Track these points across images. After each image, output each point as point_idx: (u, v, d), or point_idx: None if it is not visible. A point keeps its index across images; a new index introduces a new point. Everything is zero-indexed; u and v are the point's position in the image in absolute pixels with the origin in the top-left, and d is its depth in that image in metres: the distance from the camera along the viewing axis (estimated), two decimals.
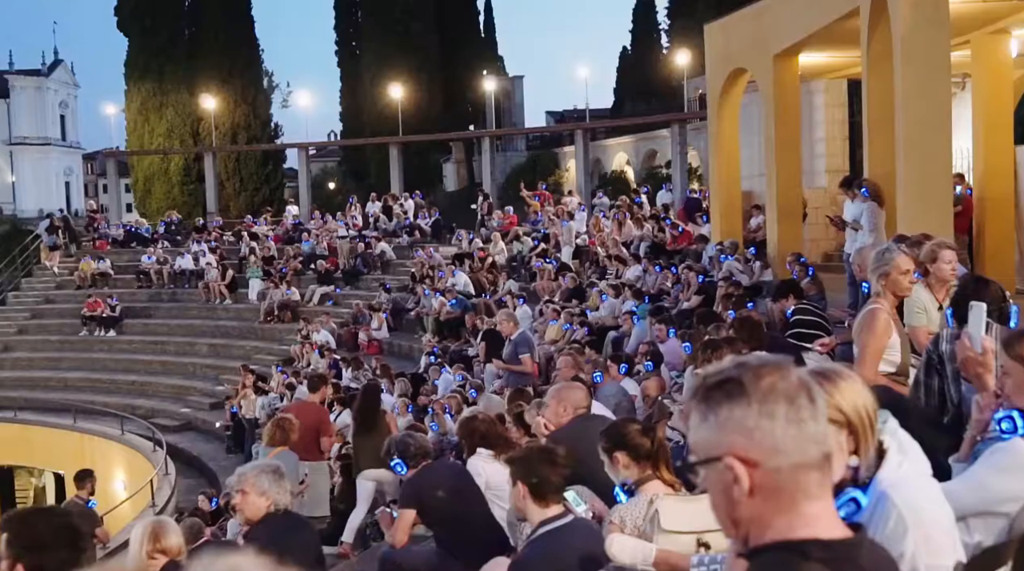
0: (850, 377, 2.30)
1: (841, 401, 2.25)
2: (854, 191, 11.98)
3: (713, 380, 1.73)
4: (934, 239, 6.54)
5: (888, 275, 5.23)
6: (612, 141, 38.29)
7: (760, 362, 1.73)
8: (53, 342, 27.46)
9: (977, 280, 4.73)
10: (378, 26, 43.69)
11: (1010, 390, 3.10)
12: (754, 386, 1.68)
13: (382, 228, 29.46)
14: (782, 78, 15.99)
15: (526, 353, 11.81)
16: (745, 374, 1.70)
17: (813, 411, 1.68)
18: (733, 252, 16.44)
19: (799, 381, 1.70)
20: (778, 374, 1.69)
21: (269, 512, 4.77)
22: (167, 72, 42.63)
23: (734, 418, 1.67)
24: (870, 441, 2.29)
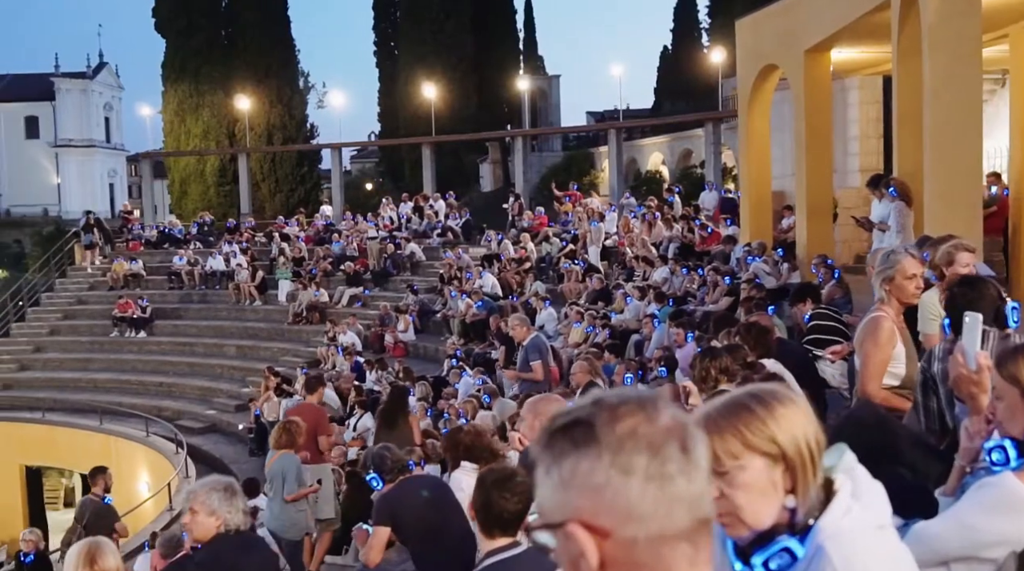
0: (790, 402, 1.90)
1: (776, 430, 1.86)
2: (881, 190, 11.47)
3: (560, 422, 1.37)
4: (951, 240, 6.09)
5: (892, 280, 4.81)
6: (647, 141, 37.76)
7: (620, 399, 1.35)
8: (84, 343, 27.53)
9: (967, 282, 4.28)
10: (414, 26, 43.57)
11: (1002, 415, 2.69)
12: (607, 431, 1.31)
13: (412, 229, 29.21)
14: (813, 74, 15.50)
15: (537, 360, 11.45)
16: (599, 415, 1.33)
17: (684, 464, 1.31)
18: (761, 253, 15.96)
19: (671, 425, 1.33)
20: (641, 415, 1.32)
21: (219, 532, 4.47)
22: (203, 73, 42.77)
23: (580, 473, 1.30)
24: (811, 478, 1.89)
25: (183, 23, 42.21)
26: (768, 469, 1.85)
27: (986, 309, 3.91)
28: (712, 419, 1.86)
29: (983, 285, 4.07)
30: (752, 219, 17.76)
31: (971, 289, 4.03)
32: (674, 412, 1.35)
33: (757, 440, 1.83)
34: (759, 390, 1.92)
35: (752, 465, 1.84)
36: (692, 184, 29.47)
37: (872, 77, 18.13)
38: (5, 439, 23.50)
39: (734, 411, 1.86)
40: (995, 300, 3.98)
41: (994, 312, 3.92)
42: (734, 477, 1.84)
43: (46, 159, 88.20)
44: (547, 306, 20.02)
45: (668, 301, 15.66)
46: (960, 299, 3.96)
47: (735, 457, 1.83)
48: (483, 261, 24.54)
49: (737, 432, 1.83)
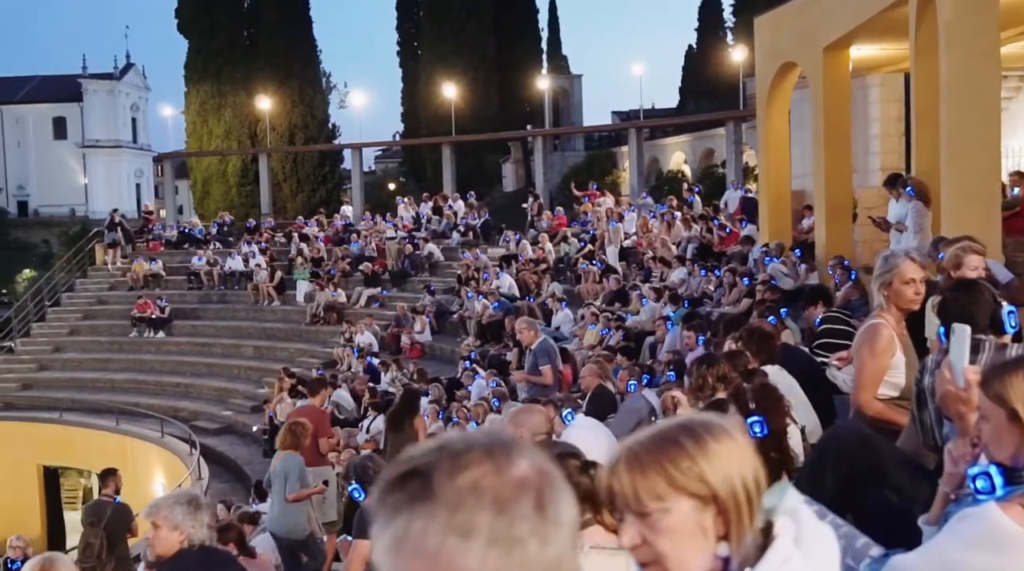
0: (725, 436, 1.67)
1: (707, 468, 1.62)
2: (899, 190, 11.20)
3: (397, 471, 1.16)
4: (960, 242, 5.84)
5: (890, 285, 4.56)
6: (669, 140, 37.48)
7: (466, 445, 1.15)
8: (103, 343, 27.57)
9: (962, 286, 4.02)
10: (435, 26, 43.48)
11: (988, 439, 2.45)
12: (446, 484, 1.11)
13: (430, 229, 29.06)
14: (832, 72, 15.20)
15: (546, 364, 11.23)
16: (438, 465, 1.13)
17: (538, 524, 1.11)
18: (779, 254, 15.68)
19: (524, 476, 1.13)
20: (488, 465, 1.12)
21: (182, 548, 4.30)
22: (225, 73, 42.86)
23: (412, 535, 1.11)
24: (747, 523, 1.66)
25: (206, 24, 42.30)
26: (697, 512, 1.61)
27: (981, 315, 3.68)
28: (635, 454, 1.64)
29: (978, 289, 3.83)
30: (771, 219, 17.47)
31: (965, 294, 3.79)
32: (533, 461, 1.14)
33: (685, 479, 1.59)
34: (692, 422, 1.69)
35: (679, 508, 1.61)
36: (714, 184, 29.17)
37: (893, 75, 17.77)
38: (23, 439, 23.52)
39: (660, 446, 1.62)
40: (991, 305, 3.75)
41: (990, 317, 3.68)
42: (658, 521, 1.61)
43: (74, 159, 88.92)
44: (563, 307, 19.82)
45: (683, 303, 15.41)
46: (953, 304, 3.73)
47: (659, 498, 1.60)
48: (501, 262, 24.37)
49: (662, 470, 1.60)
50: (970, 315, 3.69)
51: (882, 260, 4.74)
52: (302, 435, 9.85)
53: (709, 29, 53.74)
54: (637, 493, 1.59)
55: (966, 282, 4.09)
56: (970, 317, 3.67)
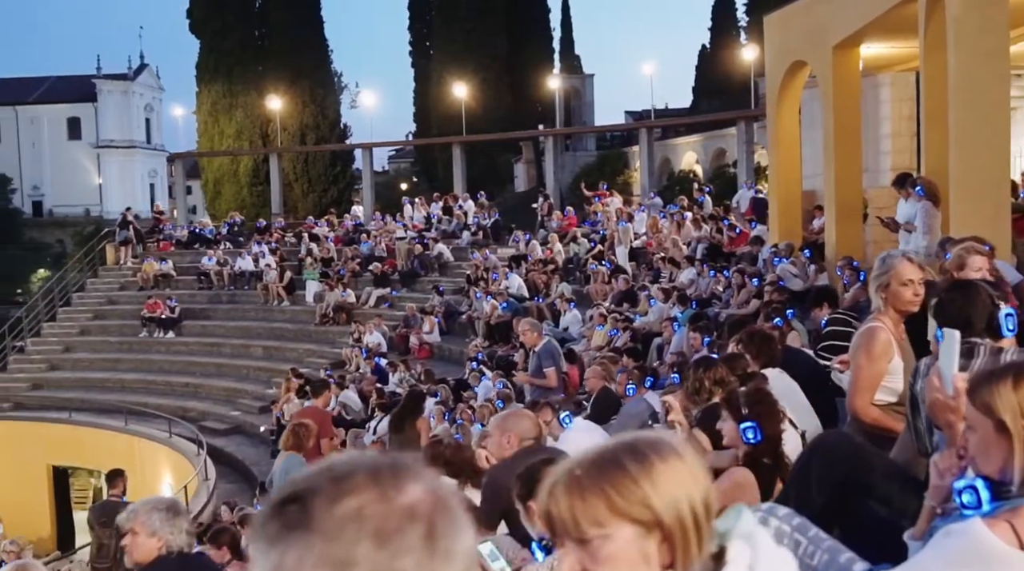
0: (673, 457, 1.54)
1: (651, 492, 1.49)
2: (908, 190, 11.05)
3: (279, 496, 1.07)
4: (963, 243, 5.71)
5: (888, 286, 4.45)
6: (681, 140, 37.27)
7: (351, 468, 1.05)
8: (113, 343, 27.60)
9: (958, 286, 3.90)
10: (446, 25, 43.41)
11: (975, 450, 2.33)
12: (325, 512, 1.02)
13: (440, 229, 28.99)
14: (841, 70, 15.04)
15: (550, 366, 11.14)
16: (320, 489, 1.04)
17: (426, 556, 1.01)
18: (788, 255, 15.53)
19: (415, 503, 1.03)
20: (374, 491, 1.03)
21: (160, 555, 4.21)
22: (236, 74, 42.87)
23: (286, 566, 1.01)
24: (695, 551, 1.53)
25: (217, 24, 42.33)
26: (639, 539, 1.48)
27: (978, 317, 3.56)
28: (575, 476, 1.52)
29: (975, 290, 3.71)
30: (780, 219, 17.32)
31: (962, 295, 3.67)
32: (427, 487, 1.04)
33: (627, 504, 1.47)
34: (638, 442, 1.57)
35: (620, 534, 1.48)
36: (725, 183, 28.97)
37: (904, 73, 17.58)
38: (33, 439, 23.58)
39: (602, 467, 1.50)
40: (988, 306, 3.62)
41: (987, 319, 3.56)
42: (598, 549, 1.49)
43: (88, 160, 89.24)
44: (572, 308, 19.72)
45: (691, 303, 15.28)
46: (949, 306, 3.61)
47: (599, 524, 1.47)
48: (510, 262, 24.29)
49: (602, 494, 1.47)
50: (966, 317, 3.59)
51: (879, 261, 4.63)
52: (305, 436, 9.80)
53: (722, 28, 53.47)
54: (576, 518, 1.47)
55: (963, 283, 3.96)
56: (966, 319, 3.56)
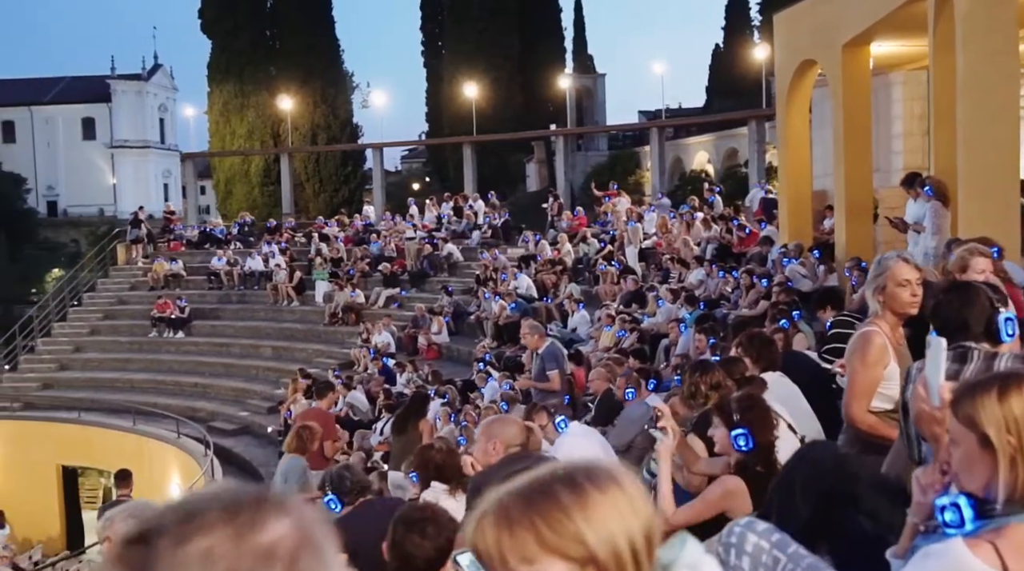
0: (611, 486, 1.39)
1: (584, 526, 1.36)
2: (917, 189, 10.90)
3: (128, 533, 0.98)
4: (966, 244, 5.59)
5: (884, 288, 4.33)
6: (693, 140, 37.12)
7: (204, 504, 0.96)
8: (123, 343, 27.62)
9: (955, 288, 3.79)
10: (457, 25, 43.36)
11: (958, 466, 2.22)
12: (169, 554, 0.94)
13: (450, 229, 28.91)
14: (851, 69, 14.87)
15: (554, 369, 11.03)
16: (168, 527, 0.95)
17: None
18: (797, 255, 15.38)
19: (274, 543, 0.95)
20: (228, 529, 0.94)
21: None
22: (248, 74, 42.92)
23: None
24: None
25: (228, 24, 42.39)
26: None
27: (975, 320, 3.45)
28: (504, 507, 1.39)
29: (973, 292, 3.60)
30: (790, 219, 17.15)
31: (959, 296, 3.56)
32: (293, 522, 0.94)
33: (558, 539, 1.34)
34: (575, 470, 1.43)
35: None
36: (737, 183, 28.83)
37: (917, 72, 17.41)
38: (43, 439, 23.59)
39: (532, 499, 1.37)
40: (987, 309, 3.51)
41: (986, 323, 3.45)
42: None
43: (102, 160, 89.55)
44: (580, 309, 19.62)
45: (699, 304, 15.16)
46: (947, 308, 3.50)
47: (528, 561, 1.34)
48: (520, 262, 24.21)
49: (532, 527, 1.34)
50: (963, 320, 3.49)
51: (875, 264, 4.52)
52: (308, 439, 9.71)
53: (736, 28, 53.26)
54: (503, 554, 1.35)
55: (961, 284, 3.85)
56: (963, 322, 3.47)
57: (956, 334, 3.38)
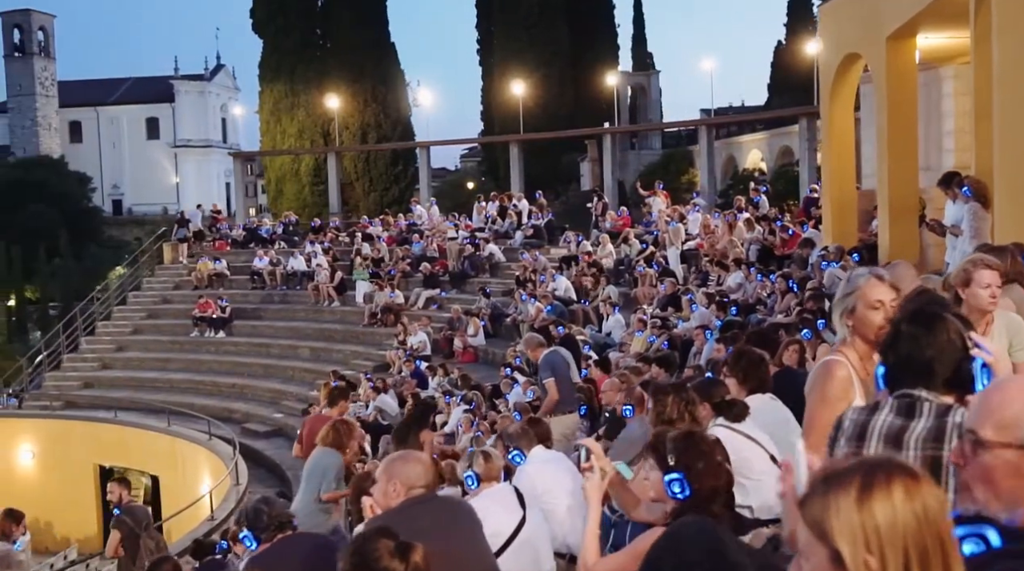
0: None
1: None
2: (954, 190, 10.13)
3: None
4: (972, 255, 4.93)
5: (853, 311, 3.69)
6: (746, 138, 36.19)
7: None
8: (164, 343, 27.60)
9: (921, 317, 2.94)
10: (507, 21, 42.85)
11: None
12: None
13: (493, 229, 28.39)
14: (896, 62, 14.08)
15: (548, 377, 10.50)
16: None
17: None
18: (838, 258, 14.58)
19: None
20: None
21: None
22: (298, 73, 42.87)
23: None
24: None
25: (279, 23, 42.39)
26: None
27: (942, 363, 2.76)
28: None
29: (942, 326, 2.83)
30: (833, 221, 16.37)
31: (924, 329, 2.82)
32: None
33: None
34: None
35: None
36: (789, 182, 27.92)
37: (968, 66, 16.48)
38: (81, 438, 23.66)
39: None
40: (956, 349, 2.79)
41: (954, 369, 2.78)
42: None
43: (166, 159, 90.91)
44: (616, 312, 19.02)
45: (731, 309, 14.47)
46: (908, 343, 2.81)
47: None
48: (561, 263, 23.64)
49: None
50: (926, 361, 2.77)
51: (844, 281, 3.88)
52: (345, 435, 9.25)
53: (798, 23, 51.94)
54: None
55: (928, 314, 2.95)
56: (926, 364, 2.77)
57: (913, 378, 2.75)
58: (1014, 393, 1.89)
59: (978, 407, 1.93)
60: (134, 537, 10.83)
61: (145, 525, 11.06)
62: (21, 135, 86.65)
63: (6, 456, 24.61)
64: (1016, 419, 1.85)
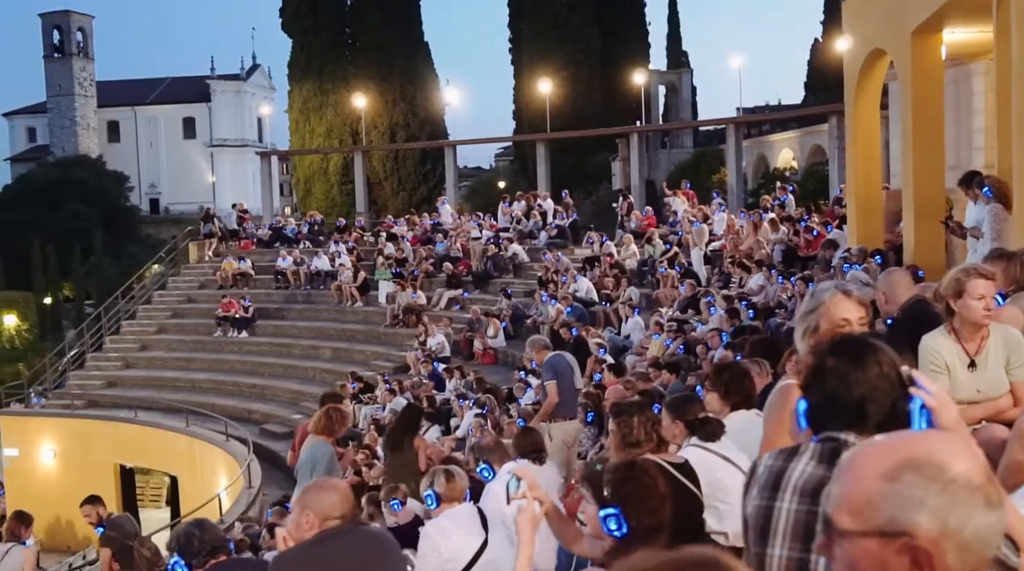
0: None
1: None
2: (975, 190, 9.67)
3: None
4: (965, 263, 4.54)
5: (816, 329, 3.33)
6: (777, 136, 35.57)
7: None
8: (187, 342, 27.55)
9: (847, 346, 2.40)
10: (538, 22, 42.51)
11: None
12: None
13: (518, 229, 28.05)
14: (921, 58, 13.59)
15: (549, 379, 10.18)
16: None
17: None
18: (861, 261, 14.13)
19: None
20: None
21: None
22: (327, 72, 42.77)
23: None
24: None
25: (308, 22, 42.32)
26: None
27: (876, 402, 2.30)
28: None
29: (873, 357, 2.32)
30: (858, 221, 15.88)
31: (852, 363, 2.32)
32: None
33: None
34: None
35: None
36: (819, 181, 27.36)
37: None
38: (102, 438, 23.64)
39: None
40: (891, 386, 2.28)
41: (889, 407, 2.27)
42: None
43: (202, 159, 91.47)
44: (635, 314, 18.63)
45: (749, 313, 14.05)
46: (832, 380, 2.32)
47: None
48: (584, 264, 23.27)
49: None
50: (856, 399, 2.29)
51: (808, 295, 3.52)
52: (338, 421, 9.04)
53: (834, 20, 51.10)
54: None
55: (857, 343, 2.42)
56: (856, 403, 2.29)
57: (841, 421, 2.29)
58: (864, 467, 1.52)
59: (833, 486, 1.56)
60: (126, 549, 10.61)
61: (135, 534, 10.82)
62: (60, 135, 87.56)
63: (29, 455, 24.67)
64: (868, 499, 1.48)
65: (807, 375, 2.44)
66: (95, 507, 11.03)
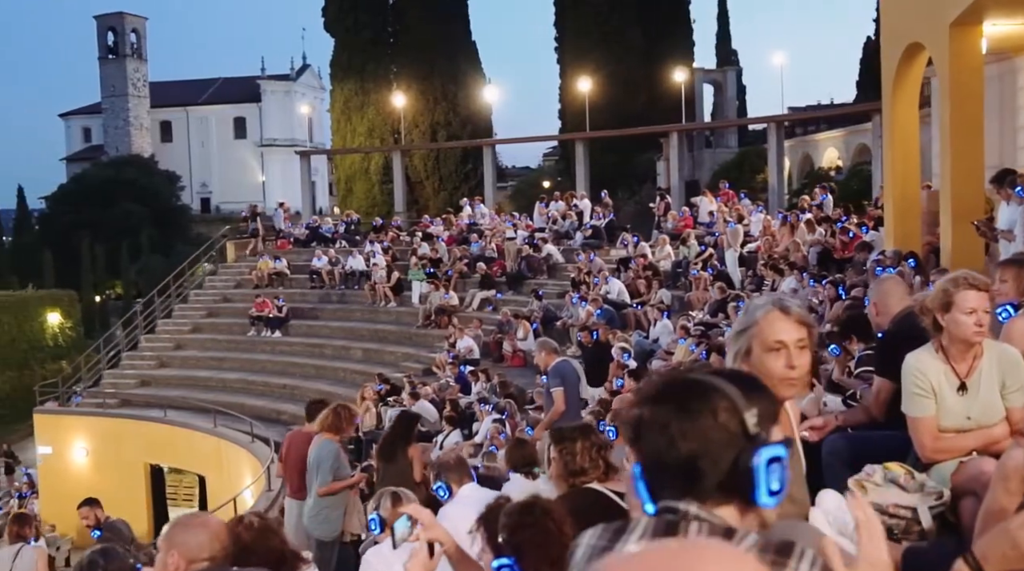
0: None
1: None
2: (1007, 190, 9.09)
3: None
4: (955, 272, 4.04)
5: (748, 352, 2.86)
6: (822, 136, 34.71)
7: None
8: (221, 342, 27.48)
9: (672, 394, 1.78)
10: (579, 19, 42.01)
11: None
12: None
13: (553, 229, 27.59)
14: (960, 51, 12.92)
15: (557, 386, 9.77)
16: None
17: None
18: (895, 263, 13.48)
19: None
20: None
21: None
22: (369, 71, 42.63)
23: None
24: None
25: (349, 21, 42.21)
26: None
27: (709, 460, 1.72)
28: None
29: (702, 404, 1.75)
30: (895, 222, 15.22)
31: (677, 411, 1.75)
32: None
33: None
34: None
35: None
36: (862, 181, 26.57)
37: None
38: (132, 437, 23.64)
39: None
40: (731, 437, 1.72)
41: (729, 468, 1.71)
42: None
43: (252, 158, 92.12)
44: (664, 317, 18.11)
45: None
46: (654, 436, 1.75)
47: None
48: (618, 265, 22.79)
49: None
50: (684, 462, 1.73)
51: (742, 311, 3.05)
52: (345, 418, 8.80)
53: None
54: None
55: (681, 387, 1.81)
56: (684, 465, 1.73)
57: (673, 486, 1.75)
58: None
59: None
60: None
61: (130, 539, 10.59)
62: (114, 135, 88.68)
63: (63, 453, 24.76)
64: None
65: (627, 433, 1.92)
66: (93, 510, 10.85)
